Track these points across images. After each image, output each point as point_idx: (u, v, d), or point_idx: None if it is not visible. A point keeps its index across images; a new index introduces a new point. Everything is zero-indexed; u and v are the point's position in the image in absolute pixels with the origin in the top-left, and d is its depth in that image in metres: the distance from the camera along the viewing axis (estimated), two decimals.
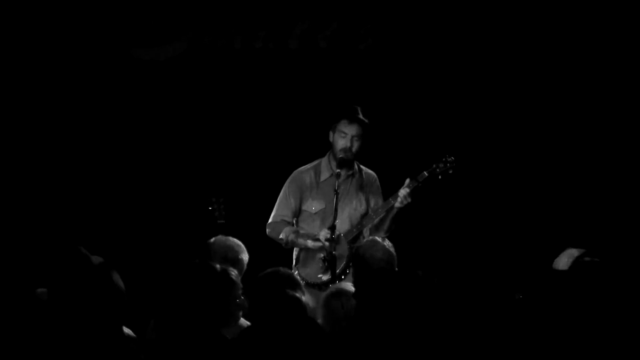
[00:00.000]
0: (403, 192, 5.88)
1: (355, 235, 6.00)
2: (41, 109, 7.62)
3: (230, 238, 5.21)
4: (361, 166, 6.17)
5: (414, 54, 7.64)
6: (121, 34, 7.67)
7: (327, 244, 5.83)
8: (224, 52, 7.74)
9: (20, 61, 7.58)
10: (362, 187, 6.13)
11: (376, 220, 6.02)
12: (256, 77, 7.72)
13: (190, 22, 7.72)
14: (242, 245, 5.17)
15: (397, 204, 5.90)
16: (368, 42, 7.70)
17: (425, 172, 5.95)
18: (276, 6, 7.68)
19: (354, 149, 5.98)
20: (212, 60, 7.74)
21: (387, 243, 5.22)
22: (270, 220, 6.14)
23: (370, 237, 5.43)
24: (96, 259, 3.79)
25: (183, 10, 7.69)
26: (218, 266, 3.90)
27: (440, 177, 5.97)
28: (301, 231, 6.05)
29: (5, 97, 7.57)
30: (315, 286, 5.87)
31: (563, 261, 4.21)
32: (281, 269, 4.32)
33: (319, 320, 4.39)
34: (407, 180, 5.92)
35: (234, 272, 3.89)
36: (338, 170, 5.92)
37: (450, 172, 5.98)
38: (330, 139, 6.07)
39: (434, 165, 5.97)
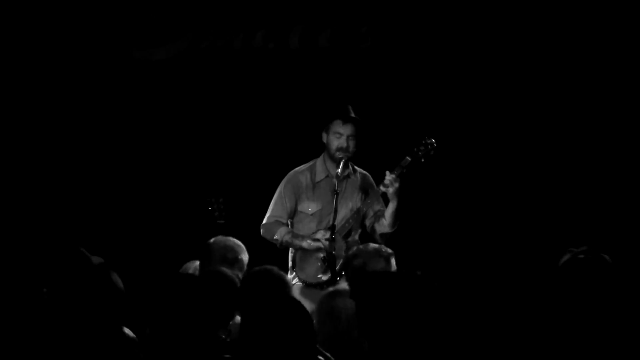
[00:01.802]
0: (389, 177, 5.89)
1: (347, 230, 6.01)
2: (42, 110, 7.62)
3: (230, 238, 5.20)
4: (355, 167, 6.17)
5: (413, 53, 7.64)
6: (121, 34, 7.67)
7: (327, 243, 5.83)
8: (224, 52, 7.74)
9: (21, 62, 7.58)
10: (359, 188, 6.13)
11: (377, 214, 6.03)
12: (256, 77, 7.72)
13: (190, 22, 7.72)
14: (242, 246, 5.16)
15: (390, 190, 5.90)
16: (368, 42, 7.70)
17: (407, 157, 5.96)
18: (276, 6, 7.68)
19: (350, 149, 5.99)
20: (211, 60, 7.74)
21: (387, 251, 5.11)
22: (264, 221, 6.12)
23: (377, 245, 5.29)
24: (96, 259, 3.79)
25: (183, 10, 7.69)
26: (225, 271, 3.93)
27: (423, 159, 5.98)
28: (296, 232, 6.06)
29: (6, 97, 7.57)
30: (317, 286, 5.87)
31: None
32: (274, 268, 4.34)
33: (316, 321, 4.38)
34: (387, 172, 5.92)
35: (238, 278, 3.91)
36: (337, 171, 5.92)
37: (432, 153, 6.00)
38: (324, 140, 6.06)
39: (415, 149, 5.99)
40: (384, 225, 6.02)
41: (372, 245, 5.16)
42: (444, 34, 7.58)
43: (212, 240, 5.19)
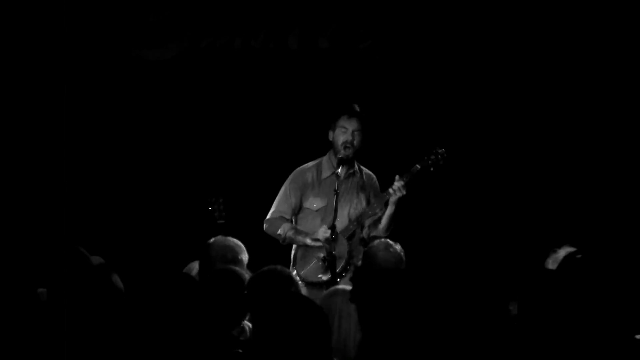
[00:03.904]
0: (397, 184, 5.91)
1: (352, 232, 6.02)
2: (42, 109, 7.62)
3: (230, 238, 5.19)
4: (361, 166, 6.18)
5: (414, 54, 7.64)
6: (121, 33, 7.67)
7: (326, 244, 5.84)
8: (224, 52, 7.74)
9: (21, 61, 7.58)
10: (363, 187, 6.14)
11: (374, 217, 6.04)
12: (256, 77, 7.73)
13: (190, 22, 7.72)
14: (242, 246, 5.16)
15: (392, 197, 5.91)
16: (368, 42, 7.70)
17: (417, 165, 5.98)
18: (276, 6, 7.69)
19: (355, 143, 6.00)
20: (211, 60, 7.74)
21: (399, 248, 5.21)
22: (268, 216, 6.15)
23: (384, 240, 5.37)
24: (96, 260, 3.79)
25: (183, 10, 7.69)
26: (234, 269, 3.93)
27: (432, 169, 6.00)
28: (300, 228, 6.06)
29: (6, 97, 7.57)
30: (316, 285, 5.87)
31: (550, 262, 4.26)
32: (278, 267, 4.34)
33: None
34: (397, 177, 5.94)
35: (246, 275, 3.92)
36: (337, 171, 5.93)
37: (441, 163, 6.02)
38: (330, 138, 6.08)
39: (425, 158, 6.01)
40: (379, 229, 6.04)
41: (386, 240, 5.21)
42: (445, 34, 7.58)
43: (212, 240, 5.18)
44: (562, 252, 4.31)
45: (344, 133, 6.00)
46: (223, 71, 7.75)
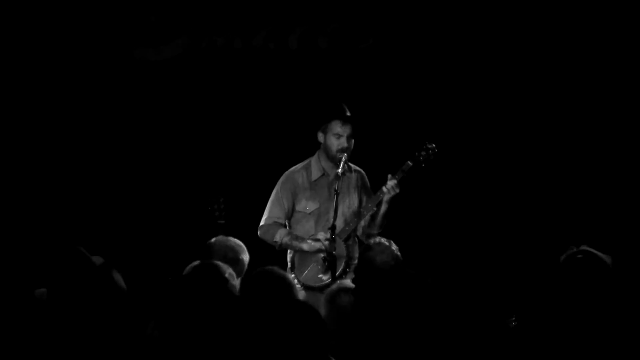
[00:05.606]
0: (391, 183, 5.91)
1: (348, 233, 6.01)
2: (41, 109, 7.62)
3: (231, 238, 5.20)
4: (349, 163, 6.16)
5: (413, 54, 7.64)
6: (121, 33, 7.67)
7: (327, 244, 5.83)
8: (224, 52, 7.74)
9: (21, 61, 7.58)
10: (355, 184, 6.14)
11: (367, 217, 6.03)
12: (256, 77, 7.72)
13: (190, 22, 7.72)
14: (243, 246, 5.16)
15: (386, 196, 5.91)
16: (368, 42, 7.70)
17: (409, 162, 5.98)
18: (276, 6, 7.69)
19: (350, 148, 6.00)
20: (212, 60, 7.74)
21: (395, 247, 5.22)
22: (262, 223, 6.12)
23: (378, 240, 5.36)
24: (97, 259, 3.79)
25: (183, 10, 7.69)
26: (214, 263, 3.92)
27: (423, 164, 6.00)
28: (295, 233, 6.05)
29: (6, 97, 7.57)
30: (316, 289, 5.86)
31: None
32: (275, 268, 4.33)
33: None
34: (390, 176, 5.94)
35: (228, 271, 3.90)
36: (338, 171, 5.92)
37: (432, 158, 6.02)
38: (320, 140, 6.06)
39: (416, 154, 6.00)
40: (372, 226, 6.03)
41: (380, 240, 5.21)
42: (445, 34, 7.58)
43: (212, 240, 5.19)
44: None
45: (338, 139, 5.98)
46: (223, 71, 7.75)
